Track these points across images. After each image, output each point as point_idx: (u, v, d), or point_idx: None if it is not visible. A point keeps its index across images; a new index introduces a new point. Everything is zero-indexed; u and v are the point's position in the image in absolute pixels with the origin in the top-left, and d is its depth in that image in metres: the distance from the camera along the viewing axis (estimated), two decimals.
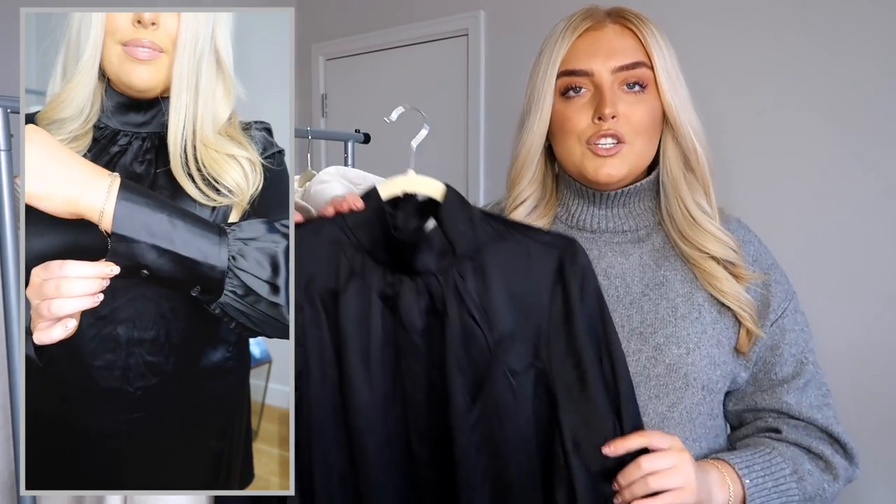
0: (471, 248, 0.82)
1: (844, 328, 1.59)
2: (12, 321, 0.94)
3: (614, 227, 0.95)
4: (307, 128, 1.37)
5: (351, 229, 0.82)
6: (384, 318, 0.80)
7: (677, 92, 0.90)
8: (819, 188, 1.65)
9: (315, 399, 0.81)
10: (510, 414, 0.80)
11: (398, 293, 0.80)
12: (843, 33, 1.61)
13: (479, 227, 0.83)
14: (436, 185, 0.84)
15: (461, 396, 0.79)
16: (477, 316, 0.80)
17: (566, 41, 0.90)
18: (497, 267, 0.82)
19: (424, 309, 0.80)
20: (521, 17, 2.21)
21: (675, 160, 0.92)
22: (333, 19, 2.77)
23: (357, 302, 0.80)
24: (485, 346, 0.80)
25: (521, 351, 0.80)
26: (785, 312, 0.92)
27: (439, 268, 0.81)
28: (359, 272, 0.81)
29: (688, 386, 0.86)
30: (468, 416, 0.79)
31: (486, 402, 0.79)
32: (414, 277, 0.81)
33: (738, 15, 1.75)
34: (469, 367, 0.80)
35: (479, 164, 2.33)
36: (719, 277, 0.88)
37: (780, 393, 0.90)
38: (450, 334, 0.79)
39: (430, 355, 0.80)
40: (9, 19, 0.97)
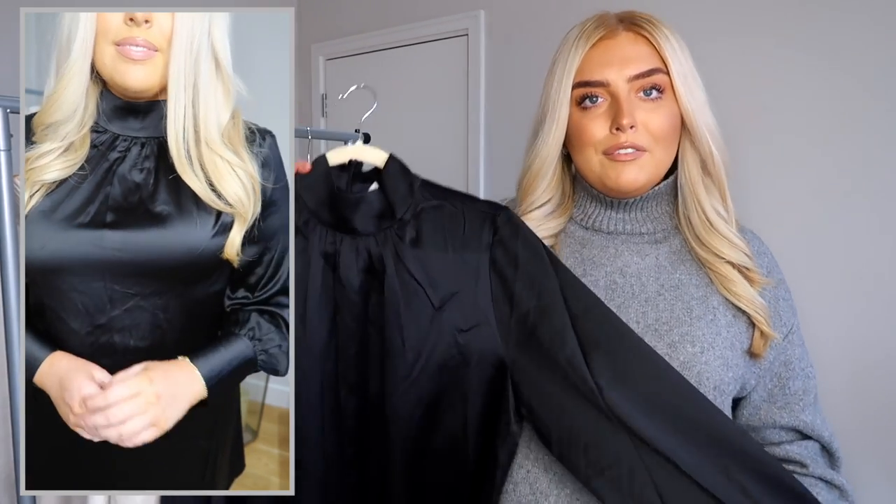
0: (410, 212, 0.85)
1: (845, 328, 1.59)
2: (12, 321, 0.94)
3: (632, 229, 0.95)
4: (307, 128, 1.37)
5: (299, 191, 0.85)
6: (325, 275, 0.84)
7: (694, 95, 0.90)
8: (819, 188, 1.65)
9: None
10: (456, 370, 0.82)
11: (338, 251, 0.83)
12: (844, 32, 1.60)
13: (418, 193, 0.87)
14: (380, 154, 0.90)
15: (400, 353, 0.82)
16: (417, 275, 0.83)
17: (579, 51, 0.90)
18: (434, 230, 0.85)
19: (363, 267, 0.84)
20: (521, 17, 2.20)
21: (693, 164, 0.92)
22: (333, 19, 2.77)
23: (299, 259, 0.83)
24: (427, 304, 0.83)
25: (465, 311, 0.83)
26: (793, 328, 0.93)
27: (379, 229, 0.84)
28: (302, 231, 0.84)
29: (700, 385, 0.86)
30: (409, 372, 0.82)
31: (429, 358, 0.82)
32: (355, 237, 0.84)
33: (739, 14, 1.75)
34: (412, 324, 0.82)
35: (479, 164, 2.33)
36: (734, 281, 0.89)
37: (797, 411, 0.92)
38: (389, 291, 0.82)
39: (367, 312, 0.83)
40: (9, 19, 0.97)
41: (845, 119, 1.62)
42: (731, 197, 0.96)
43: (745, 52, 1.74)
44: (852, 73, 1.60)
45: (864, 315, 1.60)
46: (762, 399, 0.93)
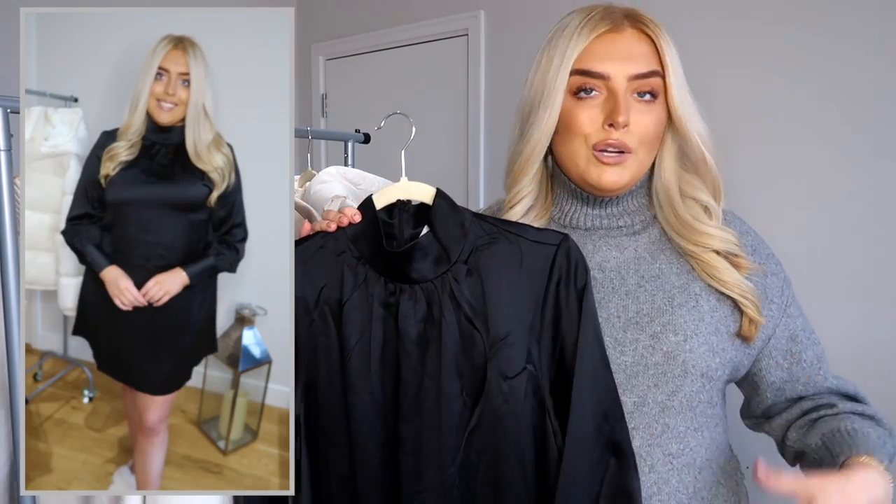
0: (465, 252, 0.83)
1: (845, 328, 1.59)
2: (12, 321, 0.94)
3: (609, 224, 0.94)
4: (307, 128, 1.37)
5: (351, 241, 0.84)
6: (386, 326, 0.82)
7: (685, 102, 0.89)
8: (819, 188, 1.65)
9: (323, 406, 0.84)
10: (504, 420, 0.81)
11: (398, 301, 0.82)
12: (845, 31, 1.60)
13: (471, 230, 0.84)
14: (427, 189, 0.86)
15: (459, 400, 0.80)
16: (474, 320, 0.81)
17: (583, 39, 0.88)
18: (491, 268, 0.83)
19: (421, 317, 0.82)
20: (521, 17, 2.21)
21: (671, 167, 0.92)
22: (333, 19, 2.77)
23: (360, 311, 0.82)
24: (483, 349, 0.81)
25: (513, 354, 0.81)
26: (789, 301, 0.93)
27: (435, 274, 0.82)
28: (362, 282, 0.83)
29: (686, 374, 0.86)
30: (466, 420, 0.80)
31: (484, 406, 0.80)
32: (412, 285, 0.82)
33: (740, 14, 1.75)
34: (469, 370, 0.81)
35: (479, 164, 2.33)
36: (719, 268, 0.88)
37: (820, 381, 0.92)
38: (446, 340, 0.80)
39: (424, 363, 0.81)
40: (9, 19, 0.97)
41: (845, 121, 1.62)
42: (732, 196, 0.96)
43: (746, 50, 1.74)
44: (854, 72, 1.60)
45: (864, 314, 1.60)
46: (782, 380, 0.93)
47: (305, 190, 1.23)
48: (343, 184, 1.24)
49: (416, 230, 0.88)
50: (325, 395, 0.83)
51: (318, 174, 1.25)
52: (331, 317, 0.83)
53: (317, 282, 0.84)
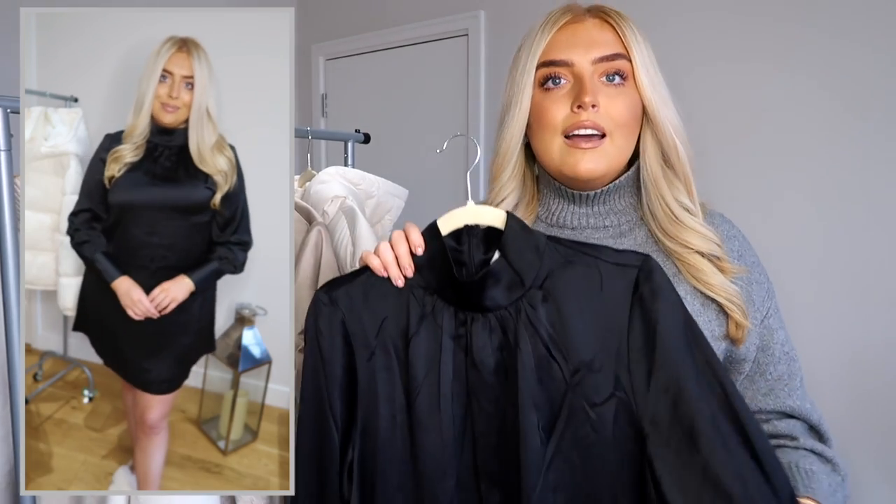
0: (539, 277, 0.78)
1: (844, 328, 1.59)
2: (12, 321, 0.94)
3: (595, 223, 0.95)
4: (307, 128, 1.37)
5: (418, 270, 0.80)
6: (456, 358, 0.78)
7: (656, 88, 0.90)
8: (819, 187, 1.65)
9: (382, 445, 0.79)
10: (591, 450, 0.75)
11: (470, 332, 0.78)
12: (843, 29, 1.61)
13: (546, 254, 0.79)
14: (496, 213, 0.82)
15: (536, 434, 0.75)
16: (551, 347, 0.76)
17: (546, 35, 0.91)
18: (568, 293, 0.78)
19: (497, 346, 0.78)
20: (521, 17, 2.21)
21: (655, 157, 0.91)
22: (333, 19, 2.77)
23: (428, 344, 0.79)
24: (561, 378, 0.76)
25: (599, 381, 0.76)
26: (769, 312, 0.92)
27: (509, 301, 0.78)
28: (429, 313, 0.79)
29: None
30: (542, 456, 0.75)
31: (561, 439, 0.76)
32: (485, 314, 0.78)
33: (738, 13, 1.75)
34: (545, 402, 0.76)
35: (479, 163, 2.33)
36: (705, 271, 0.88)
37: (783, 397, 0.91)
38: (522, 369, 0.76)
39: (505, 393, 0.77)
40: (9, 19, 0.97)
41: (842, 119, 1.62)
42: (730, 196, 0.96)
43: (745, 49, 1.75)
44: (852, 71, 1.60)
45: (863, 314, 1.60)
46: (743, 387, 0.92)
47: (305, 190, 1.23)
48: (343, 184, 1.24)
49: (487, 255, 0.83)
50: (387, 434, 0.79)
51: (318, 174, 1.25)
52: (393, 350, 0.80)
53: (378, 313, 0.80)
